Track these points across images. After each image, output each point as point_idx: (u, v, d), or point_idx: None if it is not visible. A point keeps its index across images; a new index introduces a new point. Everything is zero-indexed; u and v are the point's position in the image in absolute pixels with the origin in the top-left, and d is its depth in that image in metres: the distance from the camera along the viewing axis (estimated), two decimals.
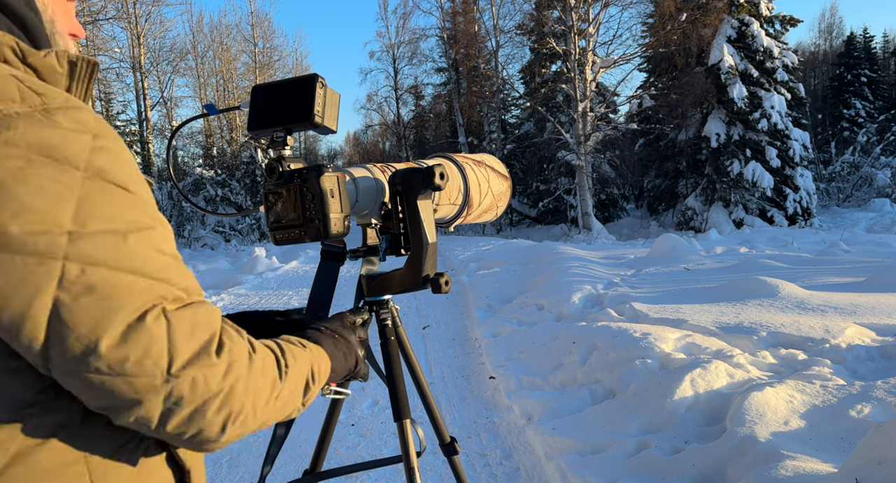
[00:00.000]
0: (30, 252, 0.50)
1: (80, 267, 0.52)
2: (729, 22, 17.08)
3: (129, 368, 0.53)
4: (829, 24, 40.19)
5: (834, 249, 9.17)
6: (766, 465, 1.96)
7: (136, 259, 0.55)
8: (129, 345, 0.53)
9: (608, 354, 3.32)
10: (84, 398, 0.55)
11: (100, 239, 0.53)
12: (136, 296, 0.55)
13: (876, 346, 3.32)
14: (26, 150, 0.51)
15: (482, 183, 1.27)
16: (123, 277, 0.54)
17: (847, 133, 26.85)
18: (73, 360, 0.52)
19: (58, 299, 0.51)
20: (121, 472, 0.60)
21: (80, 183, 0.53)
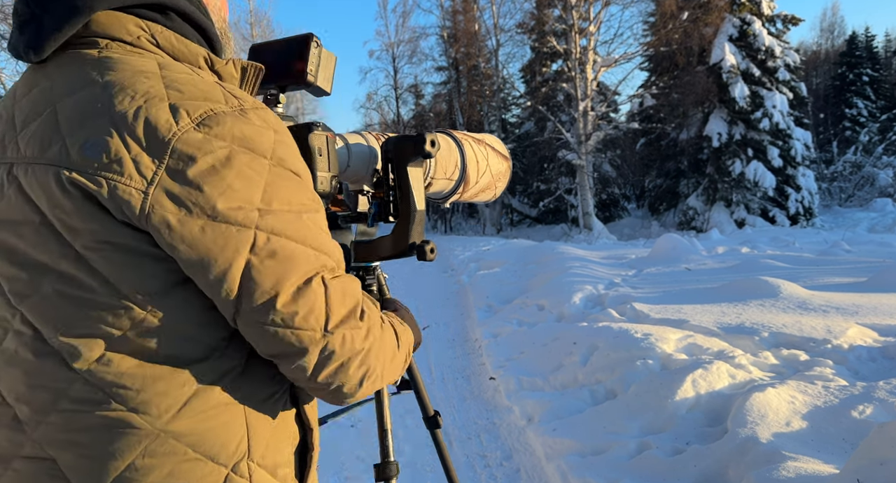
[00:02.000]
0: (231, 222, 0.62)
1: (267, 236, 0.64)
2: (730, 21, 17.06)
3: (297, 322, 0.65)
4: (831, 23, 40.13)
5: (836, 249, 9.15)
6: (768, 466, 1.95)
7: (307, 233, 0.67)
8: (299, 302, 0.65)
9: (609, 355, 3.31)
10: (260, 346, 0.67)
11: (281, 215, 0.65)
12: (306, 263, 0.67)
13: (878, 346, 3.31)
14: (230, 141, 0.63)
15: (480, 161, 1.25)
16: (297, 247, 0.66)
17: (849, 132, 26.80)
18: (256, 312, 0.64)
19: (249, 260, 0.63)
20: (266, 420, 0.70)
21: (268, 170, 0.65)
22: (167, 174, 0.60)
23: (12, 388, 0.64)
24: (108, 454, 0.62)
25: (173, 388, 0.63)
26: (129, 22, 0.69)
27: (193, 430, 0.64)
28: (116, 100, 0.62)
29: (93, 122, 0.61)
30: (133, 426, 0.62)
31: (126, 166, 0.60)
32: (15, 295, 0.63)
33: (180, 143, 0.61)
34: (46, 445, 0.62)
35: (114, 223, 0.60)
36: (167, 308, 0.63)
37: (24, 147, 0.63)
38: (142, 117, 0.61)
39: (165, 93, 0.63)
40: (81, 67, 0.66)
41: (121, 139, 0.60)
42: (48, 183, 0.61)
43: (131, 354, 0.62)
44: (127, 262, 0.61)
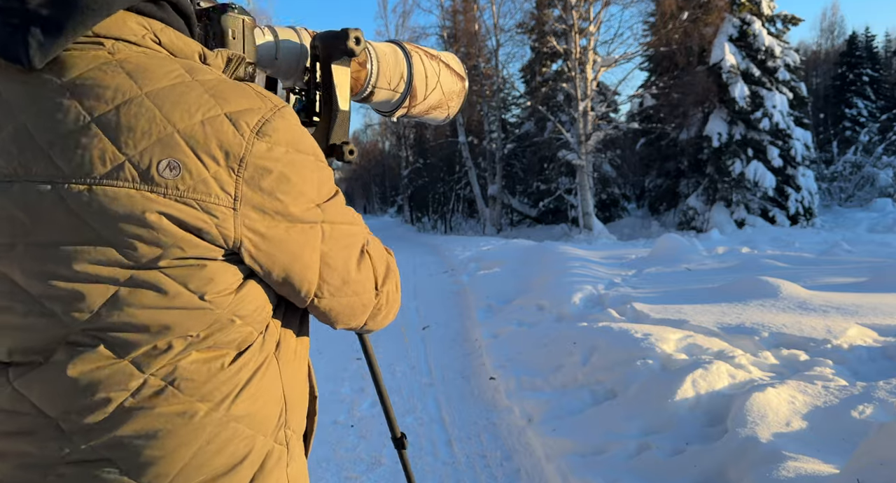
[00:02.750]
0: (305, 221, 0.69)
1: (330, 226, 0.73)
2: (730, 21, 17.05)
3: (359, 290, 0.78)
4: (831, 23, 40.12)
5: (836, 249, 9.15)
6: (768, 466, 1.94)
7: (347, 213, 0.77)
8: (362, 273, 0.78)
9: (609, 355, 3.30)
10: (331, 319, 0.78)
11: (331, 205, 0.73)
12: (357, 239, 0.78)
13: (878, 346, 3.31)
14: (286, 146, 0.67)
15: (430, 76, 1.18)
16: (348, 228, 0.76)
17: (849, 132, 26.79)
18: (334, 292, 0.75)
19: (323, 251, 0.72)
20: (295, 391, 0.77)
21: (314, 166, 0.71)
22: (246, 187, 0.63)
23: (58, 402, 0.61)
24: (176, 445, 0.63)
25: (233, 375, 0.67)
26: (131, 20, 0.66)
27: (248, 411, 0.68)
28: (175, 116, 0.61)
29: (158, 141, 0.60)
30: (199, 415, 0.64)
31: (211, 186, 0.61)
32: (71, 314, 0.60)
33: (251, 155, 0.64)
34: (101, 448, 0.62)
35: (197, 240, 0.61)
36: (236, 304, 0.66)
37: (66, 166, 0.59)
38: (210, 132, 0.62)
39: (216, 103, 0.64)
40: (105, 73, 0.62)
41: (197, 158, 0.61)
42: (119, 203, 0.58)
43: (202, 349, 0.65)
44: (205, 272, 0.63)
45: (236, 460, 0.68)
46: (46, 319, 0.60)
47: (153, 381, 0.63)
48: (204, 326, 0.64)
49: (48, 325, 0.61)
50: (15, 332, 0.61)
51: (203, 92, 0.64)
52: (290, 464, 0.75)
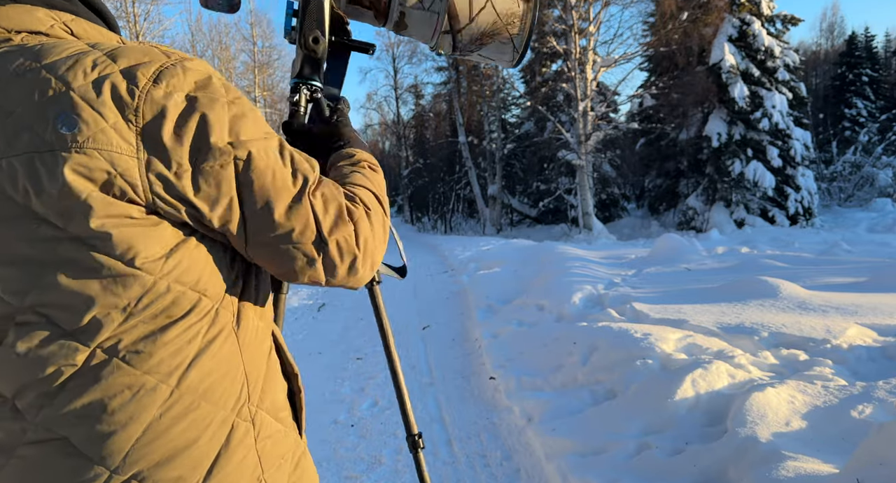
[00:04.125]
0: (214, 161, 0.67)
1: (245, 164, 0.69)
2: (730, 21, 17.06)
3: (295, 237, 0.72)
4: (831, 23, 40.14)
5: (835, 249, 9.16)
6: (768, 466, 1.95)
7: (278, 155, 0.72)
8: (293, 220, 0.72)
9: (609, 355, 3.31)
10: (272, 267, 0.74)
11: (251, 144, 0.70)
12: (287, 183, 0.72)
13: (877, 346, 3.31)
14: (188, 90, 0.66)
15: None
16: (276, 170, 0.72)
17: (848, 132, 26.80)
18: (261, 233, 0.71)
19: (240, 191, 0.68)
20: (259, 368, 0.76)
21: (226, 108, 0.69)
22: (146, 135, 0.63)
23: (11, 381, 0.63)
24: (126, 419, 0.63)
25: (182, 347, 0.66)
26: (38, 12, 0.69)
27: (202, 384, 0.68)
28: (69, 77, 0.62)
29: (55, 102, 0.61)
30: (148, 387, 0.64)
31: (110, 135, 0.61)
32: (12, 293, 0.62)
33: (146, 103, 0.63)
34: (55, 426, 0.63)
35: (106, 197, 0.61)
36: (171, 269, 0.65)
37: None
38: (104, 87, 0.62)
39: (112, 62, 0.64)
40: (7, 58, 0.64)
41: (94, 111, 0.61)
42: (31, 171, 0.60)
43: (143, 321, 0.64)
44: (127, 235, 0.62)
45: (195, 435, 0.67)
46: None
47: (99, 354, 0.63)
48: (137, 294, 0.63)
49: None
50: None
51: (101, 55, 0.65)
52: (259, 440, 0.74)
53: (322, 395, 3.71)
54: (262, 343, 0.77)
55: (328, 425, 3.21)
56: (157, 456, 0.65)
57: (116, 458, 0.64)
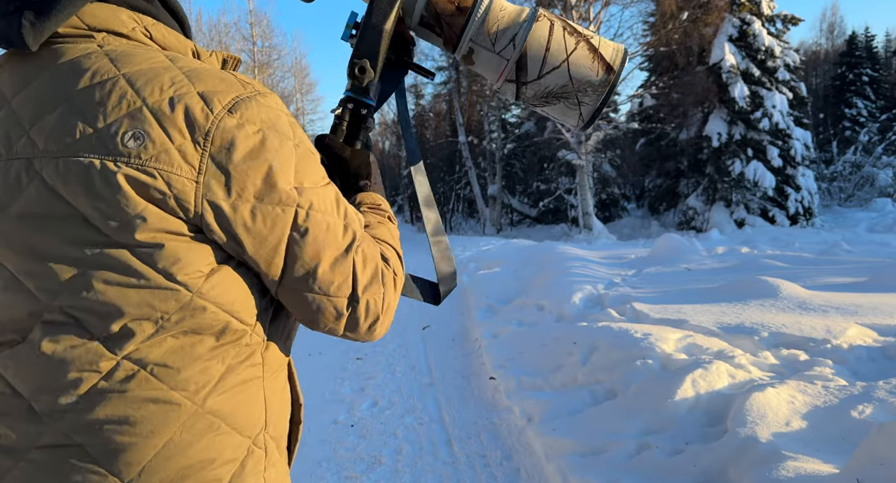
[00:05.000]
0: (276, 203, 0.66)
1: (306, 212, 0.69)
2: (730, 21, 17.06)
3: (332, 290, 0.72)
4: (831, 23, 40.12)
5: (835, 249, 9.16)
6: (768, 466, 1.95)
7: (335, 206, 0.73)
8: (335, 272, 0.72)
9: (609, 355, 3.31)
10: (299, 312, 0.73)
11: (313, 191, 0.70)
12: (340, 234, 0.72)
13: (878, 346, 3.31)
14: (260, 125, 0.66)
15: (555, 50, 0.91)
16: (332, 220, 0.72)
17: (849, 132, 26.80)
18: (299, 282, 0.70)
19: (292, 236, 0.68)
20: (276, 395, 0.75)
21: (293, 150, 0.68)
22: (212, 161, 0.63)
23: (31, 381, 0.62)
24: (148, 432, 0.62)
25: (210, 366, 0.66)
26: (123, 13, 0.69)
27: (225, 405, 0.67)
28: (146, 91, 0.63)
29: (127, 114, 0.61)
30: (173, 403, 0.63)
31: (173, 156, 0.61)
32: (45, 291, 0.61)
33: (219, 130, 0.63)
34: (72, 432, 0.62)
35: (160, 212, 0.61)
36: (209, 289, 0.65)
37: (42, 142, 0.62)
38: (178, 107, 0.63)
39: (190, 83, 0.65)
40: (88, 59, 0.65)
41: (162, 129, 0.62)
42: (87, 175, 0.60)
43: (174, 335, 0.64)
44: (172, 249, 0.62)
45: (211, 456, 0.66)
46: (22, 295, 0.62)
47: (126, 365, 0.62)
48: (173, 309, 0.63)
49: (24, 301, 0.62)
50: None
51: (179, 73, 0.65)
52: (267, 469, 0.73)
53: (322, 395, 3.70)
54: (282, 371, 0.77)
55: (328, 425, 3.21)
56: (172, 473, 0.64)
57: (132, 472, 0.62)
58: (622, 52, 0.95)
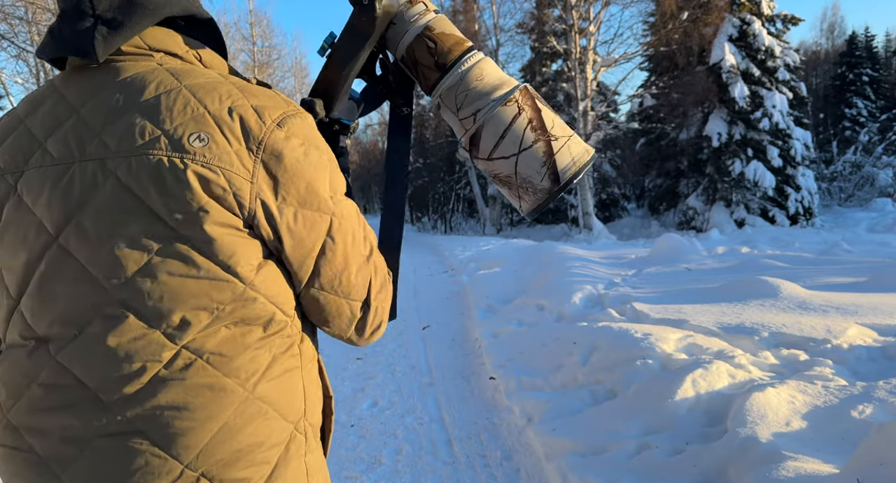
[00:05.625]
0: (315, 209, 0.74)
1: (339, 221, 0.76)
2: (730, 21, 17.05)
3: (353, 294, 0.79)
4: (831, 23, 40.12)
5: (835, 249, 9.16)
6: (768, 466, 1.94)
7: (360, 221, 0.81)
8: (359, 277, 0.79)
9: (609, 355, 3.30)
10: (315, 313, 0.79)
11: (343, 202, 0.78)
12: (363, 243, 0.80)
13: (878, 346, 3.31)
14: (303, 139, 0.74)
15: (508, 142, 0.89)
16: (358, 229, 0.79)
17: (849, 132, 26.80)
18: (326, 285, 0.78)
19: (325, 242, 0.75)
20: (313, 384, 0.81)
21: (328, 163, 0.76)
22: (263, 167, 0.70)
23: (97, 372, 0.66)
24: (205, 417, 0.67)
25: (259, 355, 0.71)
26: (178, 38, 0.79)
27: (272, 392, 0.72)
28: (207, 100, 0.70)
29: (192, 118, 0.69)
30: (227, 390, 0.68)
31: (232, 159, 0.69)
32: (111, 281, 0.66)
33: (270, 140, 0.71)
34: (135, 419, 0.66)
35: (220, 207, 0.68)
36: (259, 281, 0.71)
37: (114, 143, 0.68)
38: (236, 116, 0.70)
39: (244, 96, 0.73)
40: (152, 73, 0.73)
41: (222, 134, 0.69)
42: (158, 171, 0.67)
43: (227, 325, 0.69)
44: (229, 242, 0.68)
45: (260, 439, 0.71)
46: (89, 285, 0.67)
47: (185, 354, 0.67)
48: (228, 299, 0.68)
49: (88, 292, 0.67)
50: (62, 299, 0.68)
51: (233, 87, 0.74)
52: (307, 453, 0.77)
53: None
54: (315, 363, 0.83)
55: None
56: (227, 455, 0.68)
57: (191, 454, 0.66)
58: (581, 164, 0.90)
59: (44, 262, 0.69)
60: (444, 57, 0.91)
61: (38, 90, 0.78)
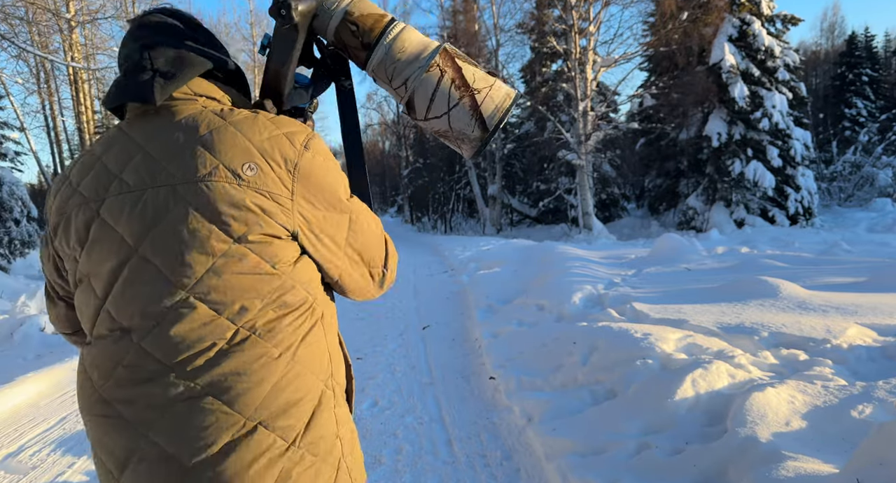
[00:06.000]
0: (338, 211, 0.95)
1: (355, 216, 0.98)
2: (730, 21, 17.05)
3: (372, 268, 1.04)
4: (831, 23, 40.15)
5: (835, 249, 9.16)
6: (768, 466, 1.95)
7: (368, 209, 1.03)
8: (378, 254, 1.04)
9: (609, 355, 3.30)
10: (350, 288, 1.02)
11: (355, 200, 1.00)
12: (376, 227, 1.03)
13: (877, 346, 3.31)
14: (324, 156, 0.94)
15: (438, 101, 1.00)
16: (369, 219, 1.02)
17: (848, 132, 26.81)
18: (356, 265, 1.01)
19: (348, 235, 0.97)
20: (336, 351, 0.99)
21: (340, 171, 0.97)
22: (299, 185, 0.90)
23: (174, 353, 0.83)
24: (259, 379, 0.85)
25: (296, 328, 0.90)
26: (215, 84, 0.99)
27: (307, 357, 0.90)
28: (249, 134, 0.90)
29: (241, 150, 0.88)
30: (275, 357, 0.86)
31: (276, 182, 0.88)
32: (184, 281, 0.84)
33: (301, 161, 0.91)
34: (206, 386, 0.83)
35: (270, 220, 0.87)
36: (296, 274, 0.91)
37: (181, 173, 0.86)
38: (274, 146, 0.90)
39: (276, 127, 0.92)
40: (201, 114, 0.92)
41: (267, 163, 0.88)
42: (223, 197, 0.85)
43: (273, 308, 0.88)
44: (276, 247, 0.88)
45: (300, 395, 0.88)
46: (165, 285, 0.84)
47: (242, 332, 0.85)
48: (274, 289, 0.88)
49: (163, 290, 0.84)
50: (143, 297, 0.85)
51: (266, 120, 0.93)
52: (336, 407, 0.95)
53: None
54: (335, 335, 1.01)
55: None
56: (277, 408, 0.86)
57: (250, 409, 0.84)
58: (504, 108, 1.02)
59: (126, 269, 0.86)
60: (367, 36, 1.01)
61: (109, 132, 0.97)
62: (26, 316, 5.84)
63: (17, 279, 10.68)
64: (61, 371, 4.43)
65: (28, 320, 5.63)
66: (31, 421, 3.57)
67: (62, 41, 17.16)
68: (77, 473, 2.84)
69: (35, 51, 12.95)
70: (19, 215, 12.06)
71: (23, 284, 9.89)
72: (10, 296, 8.52)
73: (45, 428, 3.43)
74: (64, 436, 3.30)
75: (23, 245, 11.98)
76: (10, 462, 2.97)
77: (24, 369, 4.40)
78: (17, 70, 16.99)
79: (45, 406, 3.83)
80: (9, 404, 3.77)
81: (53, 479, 2.78)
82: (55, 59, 14.87)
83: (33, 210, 12.52)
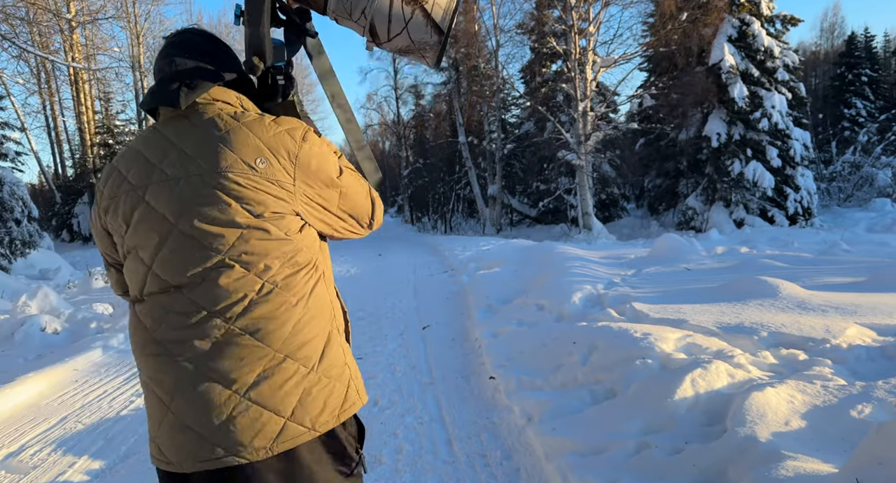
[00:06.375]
0: (332, 187, 1.20)
1: (345, 188, 1.24)
2: (730, 21, 17.05)
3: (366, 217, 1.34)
4: (831, 23, 40.16)
5: (834, 249, 9.16)
6: (767, 466, 1.95)
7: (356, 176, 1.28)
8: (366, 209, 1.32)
9: (609, 355, 3.31)
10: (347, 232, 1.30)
11: (345, 174, 1.24)
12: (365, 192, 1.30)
13: (877, 346, 3.31)
14: (319, 145, 1.19)
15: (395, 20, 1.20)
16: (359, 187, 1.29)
17: (848, 133, 26.81)
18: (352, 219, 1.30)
19: (339, 202, 1.23)
20: (337, 302, 1.27)
21: (333, 155, 1.22)
22: (300, 172, 1.15)
23: (216, 301, 1.08)
24: (283, 321, 1.10)
25: (306, 281, 1.15)
26: (232, 92, 1.22)
27: (315, 304, 1.16)
28: (259, 132, 1.13)
29: (253, 147, 1.12)
30: (293, 303, 1.12)
31: (281, 171, 1.13)
32: (221, 246, 1.08)
33: (301, 153, 1.15)
34: (243, 327, 1.08)
35: (281, 201, 1.12)
36: (302, 239, 1.16)
37: (208, 165, 1.10)
38: (279, 142, 1.14)
39: (278, 125, 1.16)
40: (220, 117, 1.15)
41: (274, 157, 1.12)
42: (242, 183, 1.09)
43: (288, 266, 1.13)
44: (287, 220, 1.13)
45: (314, 333, 1.15)
46: (203, 251, 1.09)
47: (268, 285, 1.10)
48: (288, 251, 1.13)
49: (204, 255, 1.09)
50: (188, 261, 1.09)
51: (270, 120, 1.16)
52: (340, 342, 1.22)
53: None
54: (333, 288, 1.26)
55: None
56: (297, 344, 1.11)
57: (278, 344, 1.09)
58: (452, 9, 1.19)
59: (169, 240, 1.10)
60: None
61: (145, 131, 1.20)
62: (27, 316, 5.85)
63: (18, 279, 10.67)
64: (62, 371, 4.43)
65: (29, 320, 5.64)
66: (31, 421, 3.58)
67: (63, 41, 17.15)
68: (78, 473, 2.84)
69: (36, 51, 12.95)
70: (20, 215, 12.05)
71: (23, 284, 9.90)
72: (10, 296, 8.52)
73: (46, 427, 3.44)
74: (65, 435, 3.31)
75: (23, 245, 11.97)
76: (10, 462, 2.97)
77: (24, 369, 4.41)
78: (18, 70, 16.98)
79: (46, 406, 3.84)
80: (9, 404, 3.78)
81: (54, 479, 2.79)
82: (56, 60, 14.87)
83: (34, 210, 12.51)
